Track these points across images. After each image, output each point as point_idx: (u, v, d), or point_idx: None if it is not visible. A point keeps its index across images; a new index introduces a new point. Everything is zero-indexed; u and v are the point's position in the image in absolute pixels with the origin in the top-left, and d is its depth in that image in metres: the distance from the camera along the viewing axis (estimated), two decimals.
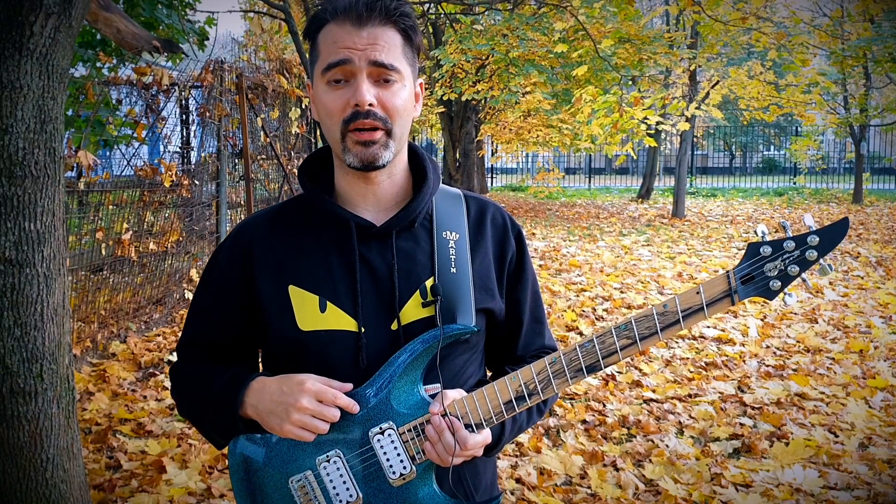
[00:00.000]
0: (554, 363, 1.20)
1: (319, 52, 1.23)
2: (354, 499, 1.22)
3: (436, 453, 1.19)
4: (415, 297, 1.26)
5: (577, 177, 28.86)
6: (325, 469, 1.22)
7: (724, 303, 1.16)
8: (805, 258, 1.15)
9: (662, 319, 1.17)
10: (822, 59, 14.16)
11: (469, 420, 1.21)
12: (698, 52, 12.38)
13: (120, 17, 3.74)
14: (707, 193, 21.95)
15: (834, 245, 1.15)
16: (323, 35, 1.22)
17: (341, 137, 1.21)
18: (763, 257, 1.16)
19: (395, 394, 1.21)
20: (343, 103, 1.20)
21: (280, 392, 1.21)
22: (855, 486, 3.31)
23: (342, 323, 1.24)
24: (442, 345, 1.22)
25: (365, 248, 1.27)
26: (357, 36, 1.19)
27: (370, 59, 1.18)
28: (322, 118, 1.24)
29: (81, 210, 5.63)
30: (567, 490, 3.35)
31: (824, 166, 23.65)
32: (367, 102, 1.18)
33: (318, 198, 1.30)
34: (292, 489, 1.24)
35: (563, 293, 7.36)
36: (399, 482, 1.21)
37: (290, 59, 8.82)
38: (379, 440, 1.21)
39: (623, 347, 1.18)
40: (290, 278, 1.28)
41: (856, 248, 10.48)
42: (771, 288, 1.16)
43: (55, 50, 2.16)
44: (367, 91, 1.19)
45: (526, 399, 1.21)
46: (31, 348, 2.23)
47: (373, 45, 1.19)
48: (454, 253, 1.30)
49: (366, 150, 1.21)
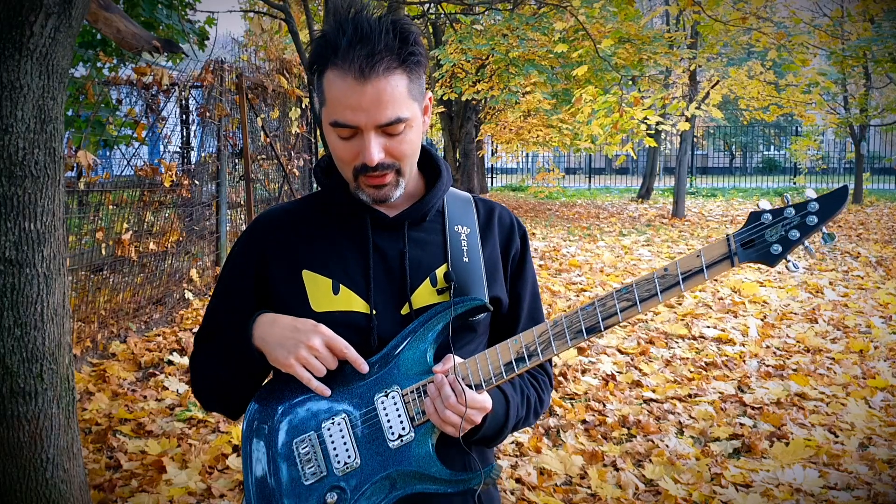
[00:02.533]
0: (556, 325, 1.23)
1: (325, 98, 1.23)
2: (352, 459, 1.24)
3: (434, 408, 1.21)
4: (426, 284, 1.31)
5: (577, 177, 28.87)
6: (328, 430, 1.26)
7: (724, 265, 1.18)
8: (805, 223, 1.16)
9: (663, 282, 1.19)
10: (822, 59, 14.16)
11: (470, 381, 1.24)
12: (698, 52, 12.38)
13: (120, 17, 3.74)
14: (707, 193, 21.95)
15: (834, 212, 1.16)
16: (328, 80, 1.21)
17: (354, 178, 1.26)
18: (763, 223, 1.18)
19: (404, 361, 1.26)
20: (353, 155, 1.23)
21: (293, 328, 1.25)
22: (855, 486, 3.31)
23: (354, 305, 1.29)
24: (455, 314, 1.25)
25: (378, 237, 1.32)
26: (361, 94, 1.17)
27: (375, 122, 1.19)
28: (333, 156, 1.28)
29: (81, 210, 5.63)
30: (567, 490, 3.35)
31: (824, 166, 23.67)
32: (375, 162, 1.21)
33: (334, 191, 1.34)
34: (294, 450, 1.27)
35: (563, 293, 7.36)
36: (397, 444, 1.24)
37: (290, 59, 8.82)
38: (383, 402, 1.25)
39: (623, 309, 1.20)
40: (304, 264, 1.32)
41: (856, 248, 10.48)
42: (772, 252, 1.17)
43: (55, 50, 2.16)
44: (375, 151, 1.21)
45: (526, 360, 1.24)
46: (31, 348, 2.23)
47: (377, 104, 1.17)
48: (466, 244, 1.35)
49: (378, 192, 1.26)
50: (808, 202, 1.17)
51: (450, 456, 1.26)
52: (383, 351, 1.27)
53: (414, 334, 1.26)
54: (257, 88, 7.97)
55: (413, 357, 1.26)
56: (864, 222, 13.84)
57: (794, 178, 24.79)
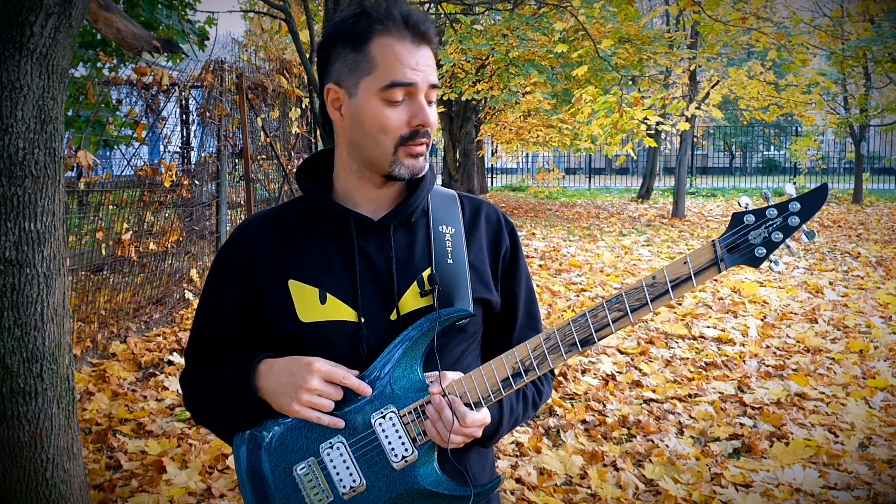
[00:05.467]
0: (549, 339, 1.23)
1: (376, 65, 1.22)
2: (358, 483, 1.24)
3: (436, 431, 1.21)
4: (413, 288, 1.29)
5: (577, 177, 28.86)
6: (328, 455, 1.24)
7: (711, 271, 1.19)
8: (788, 224, 1.18)
9: (652, 290, 1.20)
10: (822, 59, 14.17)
11: (468, 399, 1.23)
12: (698, 52, 12.38)
13: (120, 17, 3.74)
14: (707, 193, 21.95)
15: (814, 211, 1.18)
16: (379, 46, 1.22)
17: (394, 150, 1.25)
18: (747, 225, 1.19)
19: (396, 379, 1.24)
20: (402, 121, 1.24)
21: (289, 373, 1.24)
22: (855, 486, 3.31)
23: (342, 314, 1.27)
24: (439, 328, 1.25)
25: (363, 242, 1.30)
26: (419, 56, 1.23)
27: (430, 82, 1.25)
28: (371, 131, 1.25)
29: (81, 210, 5.63)
30: (567, 490, 3.35)
31: (824, 166, 23.67)
32: (434, 125, 1.26)
33: (316, 196, 1.32)
34: (297, 478, 1.25)
35: (563, 293, 7.36)
36: (402, 465, 1.23)
37: (290, 59, 8.82)
38: (381, 424, 1.23)
39: (615, 320, 1.21)
40: (289, 273, 1.30)
41: (856, 248, 10.48)
42: (756, 255, 1.18)
43: (55, 50, 2.16)
44: (432, 113, 1.26)
45: (522, 375, 1.24)
46: (31, 348, 2.23)
47: (429, 66, 1.25)
48: (451, 245, 1.33)
49: (416, 162, 1.26)
50: (789, 202, 1.18)
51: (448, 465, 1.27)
52: (372, 366, 1.25)
53: (401, 349, 1.24)
54: (257, 88, 7.97)
55: (403, 373, 1.24)
56: (864, 222, 13.84)
57: (794, 178, 24.78)
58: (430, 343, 1.25)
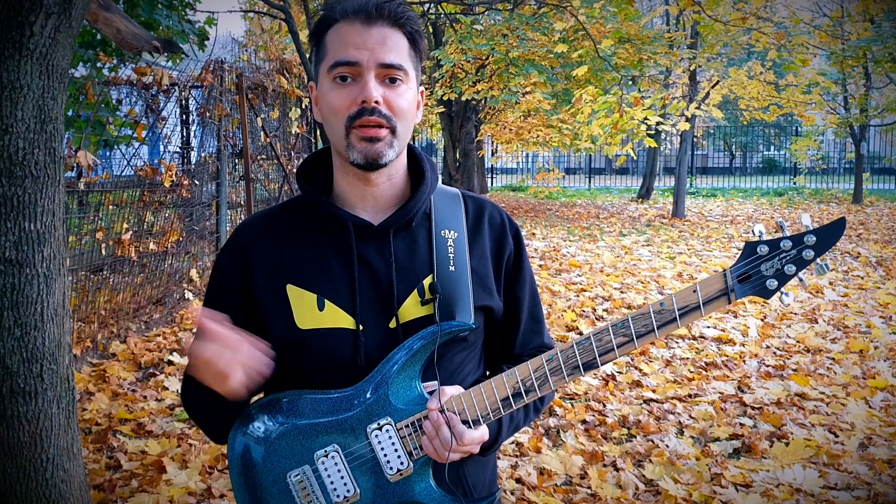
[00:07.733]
0: (551, 360, 1.20)
1: (327, 51, 1.23)
2: (352, 494, 1.22)
3: (433, 448, 1.19)
4: (413, 296, 1.26)
5: (577, 177, 28.84)
6: (323, 464, 1.23)
7: (721, 301, 1.16)
8: (802, 257, 1.15)
9: (659, 318, 1.17)
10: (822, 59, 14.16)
11: (466, 416, 1.21)
12: (698, 52, 12.38)
13: (120, 17, 3.74)
14: (707, 193, 21.95)
15: (831, 244, 1.14)
16: (331, 34, 1.23)
17: (346, 134, 1.21)
18: (760, 256, 1.16)
19: (394, 390, 1.22)
20: (349, 100, 1.20)
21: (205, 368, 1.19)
22: (855, 486, 3.31)
23: (340, 321, 1.25)
24: (440, 342, 1.22)
25: (363, 248, 1.27)
26: (367, 34, 1.20)
27: (379, 60, 1.20)
28: (326, 116, 1.25)
29: (81, 210, 5.63)
30: (567, 490, 3.35)
31: (824, 166, 23.65)
32: (373, 98, 1.19)
33: (315, 198, 1.30)
34: (290, 484, 1.24)
35: (563, 293, 7.36)
36: (396, 478, 1.22)
37: (290, 59, 8.83)
38: (377, 435, 1.21)
39: (620, 345, 1.18)
40: (287, 278, 1.28)
41: (856, 248, 10.48)
42: (767, 287, 1.16)
43: (55, 50, 2.16)
44: (374, 88, 1.19)
45: (523, 396, 1.21)
46: (31, 348, 2.23)
47: (381, 44, 1.20)
48: (453, 251, 1.30)
49: (370, 147, 1.20)
50: (804, 234, 1.15)
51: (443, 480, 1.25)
52: (370, 376, 1.23)
53: (400, 360, 1.22)
54: (257, 88, 7.97)
55: (402, 385, 1.22)
56: (864, 222, 13.83)
57: (794, 178, 24.80)
58: (430, 355, 1.23)
